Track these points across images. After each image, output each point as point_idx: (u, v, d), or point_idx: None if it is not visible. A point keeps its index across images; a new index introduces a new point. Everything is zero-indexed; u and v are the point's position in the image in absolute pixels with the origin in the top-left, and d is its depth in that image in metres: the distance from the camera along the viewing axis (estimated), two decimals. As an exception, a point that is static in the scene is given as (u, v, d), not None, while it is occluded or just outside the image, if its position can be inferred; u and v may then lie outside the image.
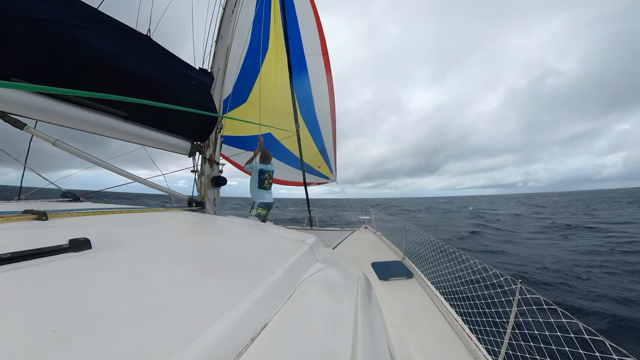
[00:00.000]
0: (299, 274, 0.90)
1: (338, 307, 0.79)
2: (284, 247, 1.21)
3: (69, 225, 1.05)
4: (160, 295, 0.54)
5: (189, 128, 2.59)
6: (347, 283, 1.09)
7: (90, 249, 0.72)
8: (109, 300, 0.49)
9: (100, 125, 1.77)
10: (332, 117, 5.85)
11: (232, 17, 2.47)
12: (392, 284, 2.56)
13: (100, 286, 0.54)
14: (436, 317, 2.04)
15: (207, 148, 2.90)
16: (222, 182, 3.11)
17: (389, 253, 3.42)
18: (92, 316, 0.43)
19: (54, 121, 1.49)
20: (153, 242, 0.98)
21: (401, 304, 2.21)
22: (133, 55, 1.75)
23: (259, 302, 0.60)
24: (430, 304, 2.22)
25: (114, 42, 1.62)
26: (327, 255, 1.40)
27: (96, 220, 1.23)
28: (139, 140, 2.15)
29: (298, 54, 5.23)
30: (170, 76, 2.12)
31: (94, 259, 0.68)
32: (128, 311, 0.46)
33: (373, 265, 2.97)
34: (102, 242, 0.79)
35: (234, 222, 1.89)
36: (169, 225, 1.41)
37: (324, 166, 6.31)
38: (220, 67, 2.59)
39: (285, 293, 0.74)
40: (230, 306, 0.53)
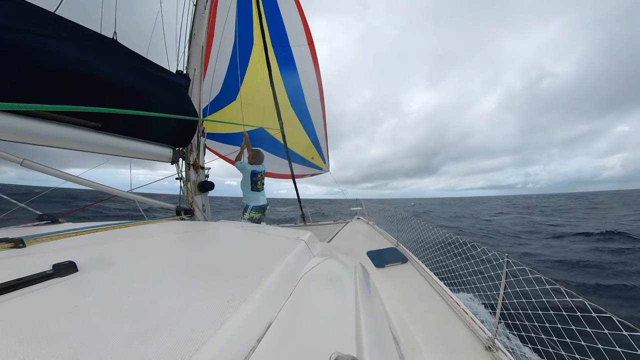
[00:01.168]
0: (297, 271, 0.91)
1: (339, 299, 0.81)
2: (279, 246, 1.21)
3: (50, 249, 0.99)
4: (160, 310, 0.53)
5: (168, 134, 2.47)
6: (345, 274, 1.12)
7: (77, 272, 0.68)
8: (107, 322, 0.47)
9: (71, 140, 1.64)
10: (322, 106, 5.88)
11: (205, 14, 2.34)
12: (389, 270, 2.65)
13: (94, 309, 0.52)
14: (433, 297, 2.14)
15: (190, 153, 2.79)
16: (209, 187, 3.02)
17: (383, 241, 3.51)
18: (93, 340, 0.42)
19: (18, 139, 1.36)
20: (143, 256, 0.95)
21: (399, 289, 2.29)
22: (100, 62, 1.62)
23: (260, 303, 0.61)
24: (426, 285, 2.32)
25: (77, 49, 1.49)
26: (323, 249, 1.42)
27: (79, 241, 1.16)
28: (116, 152, 2.02)
29: (284, 47, 5.18)
30: (143, 81, 1.99)
31: (82, 281, 0.65)
32: (129, 330, 0.45)
33: (368, 254, 3.05)
34: (88, 263, 0.76)
35: (226, 226, 1.86)
36: (158, 237, 1.36)
37: (317, 157, 6.33)
38: (197, 68, 2.46)
39: (286, 291, 0.74)
40: (232, 312, 0.53)
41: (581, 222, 15.08)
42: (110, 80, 1.71)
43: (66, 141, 1.62)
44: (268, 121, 5.23)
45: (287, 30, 5.02)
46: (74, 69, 1.47)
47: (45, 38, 1.32)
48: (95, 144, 1.81)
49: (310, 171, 6.48)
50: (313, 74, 5.50)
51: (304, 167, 6.35)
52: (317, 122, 5.96)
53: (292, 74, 5.45)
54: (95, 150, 1.86)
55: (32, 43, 1.26)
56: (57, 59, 1.38)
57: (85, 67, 1.53)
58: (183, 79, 2.39)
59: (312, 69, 5.45)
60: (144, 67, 2.00)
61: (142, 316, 0.50)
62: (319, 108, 5.84)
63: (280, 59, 5.29)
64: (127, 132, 2.04)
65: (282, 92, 5.57)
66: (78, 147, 1.71)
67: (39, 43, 1.29)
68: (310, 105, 5.74)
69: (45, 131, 1.48)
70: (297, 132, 5.91)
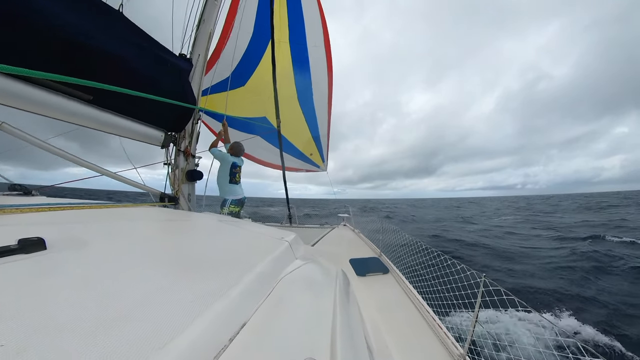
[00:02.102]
0: (278, 272, 0.90)
1: (317, 304, 0.81)
2: (262, 245, 1.20)
3: (18, 222, 0.92)
4: (129, 299, 0.50)
5: (162, 117, 2.39)
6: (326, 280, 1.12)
7: (45, 250, 0.64)
8: (69, 307, 0.44)
9: (58, 109, 1.55)
10: (329, 106, 5.96)
11: (217, 2, 2.31)
12: (370, 280, 2.67)
13: (58, 292, 0.49)
14: (410, 309, 2.17)
15: (182, 139, 2.72)
16: (197, 176, 2.94)
17: (367, 249, 3.54)
18: (50, 325, 0.39)
19: (1, 101, 1.27)
20: (119, 240, 0.90)
21: (378, 298, 2.31)
22: (101, 32, 1.56)
23: (236, 301, 0.59)
24: (404, 297, 2.35)
25: (78, 15, 1.43)
26: (306, 252, 1.41)
27: (52, 217, 1.09)
28: (104, 128, 1.93)
29: (300, 45, 5.28)
30: (143, 59, 1.93)
31: (49, 261, 0.60)
32: (92, 317, 0.42)
33: (351, 261, 3.06)
34: (59, 241, 0.71)
35: (210, 218, 1.81)
36: (137, 222, 1.30)
37: (316, 154, 6.35)
38: (201, 54, 2.42)
39: (264, 291, 0.73)
40: (206, 307, 0.51)
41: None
42: (109, 52, 1.64)
43: (53, 110, 1.53)
44: (272, 112, 5.25)
45: (307, 29, 5.13)
46: (71, 36, 1.40)
47: (46, 1, 1.25)
48: (83, 116, 1.73)
49: (306, 167, 6.47)
50: (325, 75, 5.60)
51: (301, 161, 6.37)
52: (322, 121, 6.03)
53: (304, 72, 5.53)
54: (83, 124, 1.78)
55: (32, 4, 1.20)
56: (55, 22, 1.31)
57: (83, 35, 1.47)
58: (185, 62, 2.34)
59: (325, 70, 5.57)
60: (146, 45, 1.94)
61: (109, 304, 0.47)
62: (325, 107, 5.92)
63: (295, 55, 5.38)
64: (119, 109, 1.97)
65: (291, 86, 5.65)
66: (65, 117, 1.63)
67: (40, 5, 1.22)
68: (317, 103, 5.82)
69: (33, 96, 1.40)
70: (300, 126, 5.95)
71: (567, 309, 4.34)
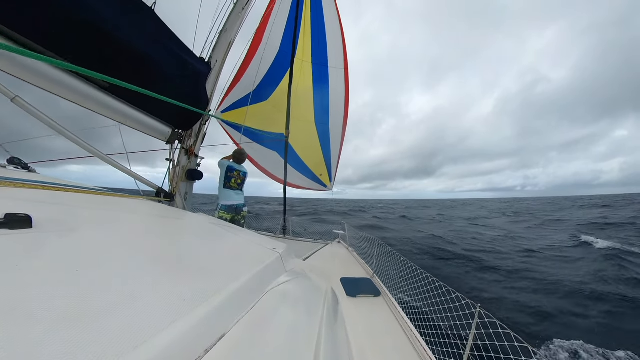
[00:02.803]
0: (265, 284, 0.87)
1: (303, 321, 0.78)
2: (252, 253, 1.17)
3: (8, 196, 0.91)
4: (107, 293, 0.48)
5: (172, 114, 2.45)
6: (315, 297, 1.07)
7: (30, 229, 0.62)
8: (44, 292, 0.42)
9: (76, 92, 1.60)
10: (343, 129, 6.16)
11: (241, 14, 2.49)
12: (360, 301, 2.55)
13: (34, 274, 0.47)
14: (399, 336, 2.06)
15: (188, 138, 2.76)
16: (197, 176, 2.94)
17: (359, 269, 3.43)
18: (18, 309, 0.37)
19: (19, 75, 1.31)
20: (109, 230, 0.88)
21: (367, 322, 2.20)
22: (131, 27, 1.65)
23: (218, 310, 0.56)
24: (394, 323, 2.24)
25: (111, 7, 1.52)
26: (296, 266, 1.37)
27: (44, 195, 1.08)
28: (115, 117, 1.97)
29: (322, 65, 5.53)
30: (166, 57, 2.02)
31: (33, 240, 0.59)
32: (66, 307, 0.40)
33: (342, 280, 2.95)
34: (46, 221, 0.69)
35: (203, 220, 1.78)
36: (130, 214, 1.27)
37: (325, 174, 6.48)
38: (219, 60, 2.54)
39: (249, 302, 0.70)
40: (185, 312, 0.49)
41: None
42: (134, 48, 1.73)
43: (71, 92, 1.58)
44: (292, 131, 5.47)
45: (329, 50, 5.42)
46: (99, 26, 1.48)
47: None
48: (98, 102, 1.78)
49: (315, 186, 6.60)
50: (342, 97, 5.82)
51: (311, 181, 6.49)
52: (335, 143, 6.20)
53: (324, 93, 5.75)
54: (97, 110, 1.81)
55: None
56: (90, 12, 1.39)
57: (112, 28, 1.55)
58: (205, 65, 2.45)
59: (343, 92, 5.79)
60: (171, 44, 2.04)
61: (85, 296, 0.45)
62: (339, 130, 6.12)
63: (316, 76, 5.62)
64: (132, 100, 2.02)
65: (310, 108, 5.85)
66: (80, 101, 1.67)
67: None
68: (332, 126, 6.03)
69: (52, 75, 1.45)
70: (314, 148, 6.12)
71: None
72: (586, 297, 5.15)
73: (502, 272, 6.62)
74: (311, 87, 5.68)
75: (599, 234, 12.11)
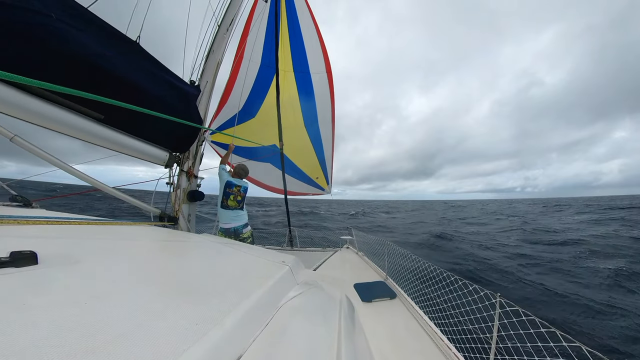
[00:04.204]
0: (277, 298, 0.85)
1: (320, 333, 0.75)
2: (261, 269, 1.15)
3: (13, 234, 0.91)
4: (116, 324, 0.47)
5: (168, 137, 2.49)
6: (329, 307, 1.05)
7: (36, 265, 0.62)
8: (54, 328, 0.42)
9: (72, 126, 1.64)
10: (332, 130, 6.27)
11: (226, 35, 2.58)
12: (376, 305, 2.48)
13: (43, 310, 0.46)
14: (422, 338, 1.98)
15: (186, 160, 2.79)
16: (199, 197, 2.94)
17: (372, 273, 3.36)
18: (31, 347, 0.36)
19: (17, 115, 1.35)
20: (114, 260, 0.88)
21: (386, 326, 2.13)
22: (117, 58, 1.71)
23: (232, 331, 0.55)
24: (415, 324, 2.16)
25: (98, 42, 1.59)
26: (307, 277, 1.34)
27: (48, 230, 1.08)
28: (113, 146, 2.01)
29: (304, 73, 5.70)
30: (154, 83, 2.08)
31: (39, 276, 0.58)
32: (75, 343, 0.39)
33: (355, 286, 2.88)
34: (51, 257, 0.69)
35: (208, 240, 1.77)
36: (134, 242, 1.27)
37: (321, 177, 6.51)
38: (209, 81, 2.61)
39: (263, 320, 0.68)
40: (199, 337, 0.48)
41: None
42: (123, 76, 1.78)
43: (67, 126, 1.61)
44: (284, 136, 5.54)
45: (309, 58, 5.60)
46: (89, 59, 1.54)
47: (70, 27, 1.41)
48: (95, 135, 1.81)
49: (312, 190, 6.62)
50: (328, 100, 5.97)
51: (308, 185, 6.51)
52: (327, 144, 6.28)
53: (309, 98, 5.89)
54: (94, 142, 1.85)
55: (55, 29, 1.34)
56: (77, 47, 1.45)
57: (101, 60, 1.61)
58: (194, 88, 2.51)
59: (328, 95, 5.94)
60: (158, 72, 2.11)
61: (95, 328, 0.44)
62: (329, 131, 6.22)
63: (300, 83, 5.78)
64: (128, 128, 2.06)
65: (298, 113, 5.98)
66: (77, 134, 1.70)
67: (64, 30, 1.37)
68: (322, 127, 6.14)
69: (49, 112, 1.49)
70: (307, 152, 6.18)
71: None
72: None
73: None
74: (297, 95, 5.83)
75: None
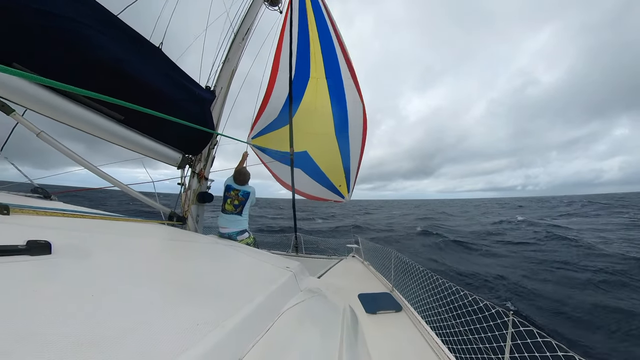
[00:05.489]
0: (279, 304, 0.84)
1: (321, 343, 0.74)
2: (265, 273, 1.14)
3: (31, 223, 0.96)
4: (121, 319, 0.48)
5: (182, 140, 2.58)
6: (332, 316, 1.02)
7: (50, 254, 0.64)
8: (60, 317, 0.43)
9: (94, 125, 1.74)
10: (363, 139, 6.20)
11: (241, 44, 2.70)
12: (380, 318, 2.39)
13: (53, 299, 0.48)
14: (428, 355, 1.88)
15: (198, 162, 2.87)
16: (208, 198, 3.00)
17: (377, 284, 3.25)
18: (37, 333, 0.38)
19: (48, 114, 1.45)
20: (122, 255, 0.90)
21: (390, 340, 2.04)
22: (141, 63, 1.82)
23: (232, 334, 0.55)
24: (421, 340, 2.06)
25: (124, 48, 1.70)
26: (311, 284, 1.32)
27: (63, 222, 1.13)
28: (130, 146, 2.10)
29: (336, 79, 5.72)
30: (173, 87, 2.19)
31: (51, 266, 0.61)
32: (80, 333, 0.40)
33: (360, 296, 2.80)
34: (64, 247, 0.72)
35: (215, 242, 1.79)
36: (143, 239, 1.30)
37: (344, 185, 6.43)
38: (223, 87, 2.72)
39: (264, 325, 0.67)
40: (199, 338, 0.48)
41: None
42: (145, 80, 1.89)
43: (89, 125, 1.72)
44: (313, 145, 5.69)
45: (340, 65, 5.64)
46: (115, 64, 1.65)
47: (98, 34, 1.52)
48: (114, 134, 1.91)
49: (334, 197, 6.56)
50: (360, 109, 5.91)
51: (329, 191, 6.47)
52: (354, 154, 6.23)
53: (341, 106, 5.86)
54: (112, 141, 1.95)
55: (86, 36, 1.45)
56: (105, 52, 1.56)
57: (126, 65, 1.72)
58: (209, 93, 2.62)
59: (359, 102, 5.88)
60: (178, 77, 2.22)
61: (99, 321, 0.45)
62: (359, 141, 6.16)
63: (332, 91, 5.80)
64: (146, 130, 2.16)
65: (329, 121, 5.99)
66: (98, 133, 1.81)
67: (93, 36, 1.48)
68: (352, 135, 6.09)
69: (75, 112, 1.59)
70: (335, 160, 6.16)
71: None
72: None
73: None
74: (329, 102, 5.83)
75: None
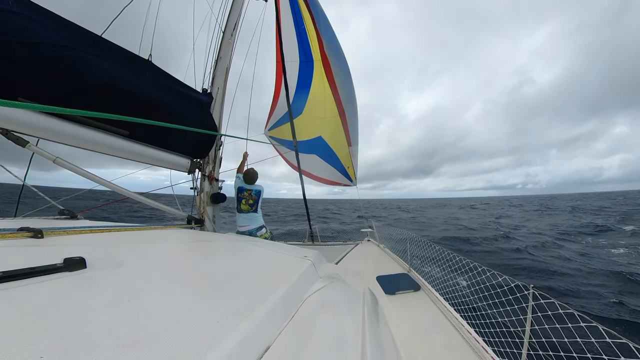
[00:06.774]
0: (301, 292, 0.87)
1: (344, 326, 0.77)
2: (284, 265, 1.18)
3: (64, 243, 1.03)
4: (157, 319, 0.52)
5: (188, 145, 2.63)
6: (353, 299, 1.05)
7: (85, 269, 0.70)
8: (104, 324, 0.47)
9: (102, 144, 1.80)
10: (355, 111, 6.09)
11: (231, 40, 2.63)
12: (399, 298, 2.45)
13: (94, 308, 0.53)
14: (448, 330, 1.92)
15: (206, 165, 2.93)
16: (221, 198, 3.09)
17: (394, 265, 3.31)
18: (85, 340, 0.42)
19: (57, 140, 1.52)
20: (150, 261, 0.96)
21: (410, 319, 2.09)
22: (134, 78, 1.83)
23: (260, 323, 0.58)
24: (440, 317, 2.10)
25: (116, 66, 1.71)
26: (329, 270, 1.36)
27: (92, 238, 1.21)
28: (139, 158, 2.17)
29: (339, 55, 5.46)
30: (169, 96, 2.20)
31: (88, 279, 0.66)
32: (124, 335, 0.45)
33: (378, 279, 2.86)
34: (97, 261, 0.78)
35: (233, 239, 1.86)
36: (166, 244, 1.38)
37: (351, 167, 6.39)
38: (220, 87, 2.69)
39: (288, 313, 0.71)
40: (229, 329, 0.51)
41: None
42: (142, 94, 1.90)
43: (98, 145, 1.78)
44: (326, 129, 5.56)
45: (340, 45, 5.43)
46: (111, 82, 1.66)
47: (90, 56, 1.53)
48: (122, 149, 1.97)
49: (344, 180, 6.53)
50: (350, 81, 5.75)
51: (341, 175, 6.44)
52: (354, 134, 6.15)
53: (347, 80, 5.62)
54: (122, 156, 2.02)
55: (78, 59, 1.47)
56: (99, 73, 1.58)
57: (120, 81, 1.73)
58: (206, 96, 2.61)
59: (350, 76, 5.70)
60: (172, 85, 2.22)
61: (138, 323, 0.49)
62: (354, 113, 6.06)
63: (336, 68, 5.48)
64: (151, 141, 2.21)
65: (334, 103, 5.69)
66: (107, 151, 1.87)
67: (86, 59, 1.50)
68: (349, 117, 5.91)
69: (81, 134, 1.65)
70: (342, 142, 6.06)
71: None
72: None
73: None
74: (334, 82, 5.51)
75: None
